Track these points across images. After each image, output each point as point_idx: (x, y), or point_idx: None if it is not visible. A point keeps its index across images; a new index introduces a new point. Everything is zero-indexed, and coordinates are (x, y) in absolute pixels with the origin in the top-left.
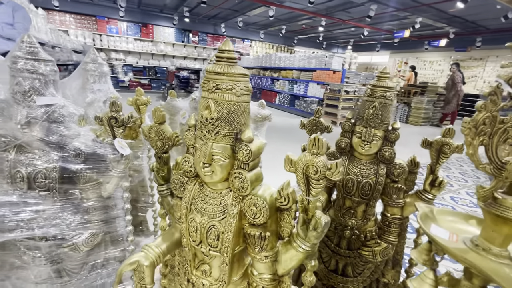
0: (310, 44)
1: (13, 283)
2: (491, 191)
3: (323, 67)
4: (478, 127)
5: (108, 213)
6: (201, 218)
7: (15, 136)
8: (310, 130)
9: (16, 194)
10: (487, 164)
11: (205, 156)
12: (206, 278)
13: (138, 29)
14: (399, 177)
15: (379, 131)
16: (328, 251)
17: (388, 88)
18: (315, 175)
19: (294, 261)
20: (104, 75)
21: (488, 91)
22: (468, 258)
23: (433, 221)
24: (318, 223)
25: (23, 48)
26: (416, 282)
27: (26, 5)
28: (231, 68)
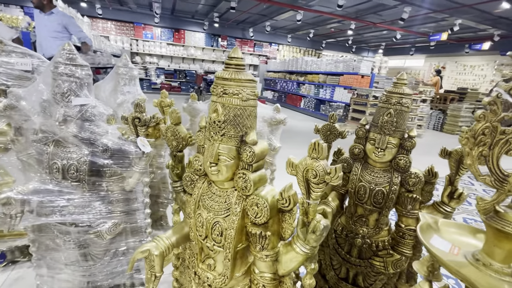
0: (339, 48)
1: (47, 263)
2: (492, 204)
3: (350, 72)
4: (477, 137)
5: (129, 205)
6: (207, 214)
7: (54, 132)
8: (324, 135)
9: (52, 183)
10: (487, 175)
11: (212, 156)
12: (210, 272)
13: (171, 34)
14: (414, 187)
15: (394, 139)
16: (339, 258)
17: (404, 95)
18: (314, 179)
19: (294, 263)
20: (133, 78)
21: (487, 100)
22: (463, 272)
23: (436, 232)
24: (316, 226)
25: (63, 55)
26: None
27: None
28: (238, 74)
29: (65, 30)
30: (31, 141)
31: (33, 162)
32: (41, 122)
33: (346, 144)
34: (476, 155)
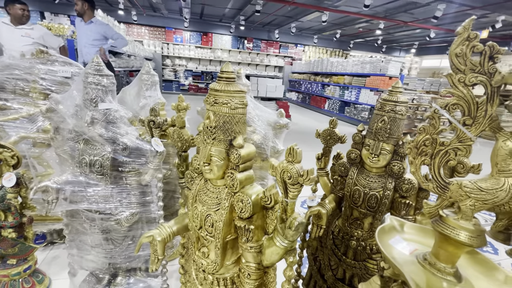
0: (368, 48)
1: (77, 244)
2: (436, 209)
3: (377, 73)
4: (419, 147)
5: (145, 197)
6: (201, 208)
7: (83, 132)
8: (325, 140)
9: (82, 176)
10: (431, 182)
11: (205, 157)
12: (204, 259)
13: (199, 37)
14: (407, 193)
15: (388, 145)
16: (336, 259)
17: (398, 103)
18: (289, 180)
19: (275, 255)
20: (154, 84)
21: (427, 115)
22: (405, 268)
23: (399, 234)
24: (292, 222)
25: (92, 67)
26: (364, 285)
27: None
28: (228, 86)
29: (103, 38)
30: (66, 139)
31: (67, 157)
32: (74, 123)
33: (345, 150)
34: (419, 163)
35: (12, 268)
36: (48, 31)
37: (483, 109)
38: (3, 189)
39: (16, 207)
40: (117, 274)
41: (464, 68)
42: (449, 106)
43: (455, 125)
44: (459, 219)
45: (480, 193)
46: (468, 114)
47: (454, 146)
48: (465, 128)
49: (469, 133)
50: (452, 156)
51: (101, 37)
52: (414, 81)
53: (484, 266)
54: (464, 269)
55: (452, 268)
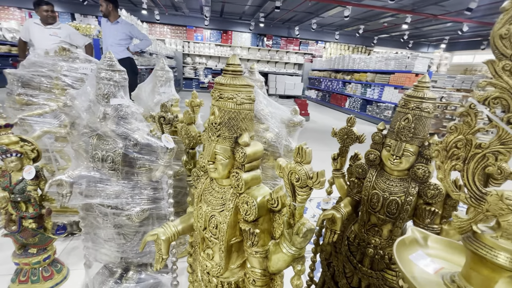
0: (393, 44)
1: (92, 237)
2: (469, 223)
3: (403, 70)
4: (449, 150)
5: (155, 194)
6: (206, 208)
7: (97, 127)
8: (341, 139)
9: (94, 170)
10: (462, 191)
11: (209, 155)
12: (209, 260)
13: (219, 35)
14: (433, 199)
15: (412, 146)
16: (351, 266)
17: (425, 99)
18: (297, 182)
19: (281, 262)
20: (169, 80)
21: (460, 111)
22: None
23: (421, 248)
24: (300, 228)
25: (105, 62)
26: None
27: (135, 21)
28: (234, 80)
29: (128, 38)
30: (81, 134)
31: (82, 151)
32: (88, 118)
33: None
34: (448, 169)
35: (33, 257)
36: (75, 30)
37: None
38: (23, 181)
39: (35, 199)
40: (129, 268)
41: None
42: (490, 100)
43: (496, 123)
44: (498, 238)
45: None
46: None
47: (495, 149)
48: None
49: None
50: (492, 161)
51: (127, 37)
52: (444, 78)
53: None
54: None
55: None
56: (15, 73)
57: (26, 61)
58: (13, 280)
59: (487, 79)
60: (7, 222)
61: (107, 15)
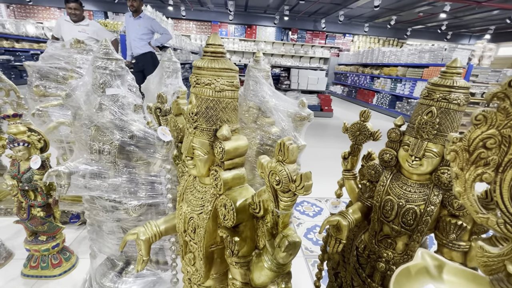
0: (429, 36)
1: (95, 229)
2: (502, 260)
3: (438, 63)
4: (474, 151)
5: (154, 189)
6: (186, 208)
7: (94, 118)
8: (353, 135)
9: (94, 163)
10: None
11: (186, 149)
12: (190, 266)
13: (244, 30)
14: (460, 211)
15: (436, 146)
16: (359, 280)
17: (454, 88)
18: (278, 186)
19: (264, 277)
20: (176, 71)
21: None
22: None
23: (433, 280)
24: (282, 241)
25: (101, 50)
26: None
27: (160, 17)
28: (212, 63)
29: (150, 32)
30: (81, 125)
31: (83, 143)
32: (86, 109)
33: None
34: (471, 179)
35: (42, 244)
36: (102, 26)
37: None
38: (30, 170)
39: (42, 188)
40: (130, 262)
41: None
42: None
43: None
44: None
45: None
46: None
47: None
48: None
49: None
50: None
51: (148, 31)
52: (487, 72)
53: None
54: None
55: None
56: (34, 65)
57: (45, 53)
58: (25, 265)
59: None
60: (18, 210)
61: (137, 11)
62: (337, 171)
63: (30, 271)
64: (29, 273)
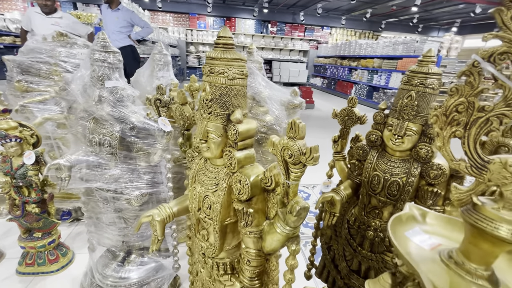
0: (401, 28)
1: (94, 222)
2: (469, 195)
3: (411, 54)
4: (449, 115)
5: (154, 178)
6: (200, 188)
7: (92, 111)
8: (342, 120)
9: (93, 155)
10: (462, 160)
11: (201, 133)
12: (204, 241)
13: (222, 23)
14: (436, 180)
15: (415, 125)
16: (351, 249)
17: (429, 74)
18: (290, 159)
19: (276, 242)
20: (167, 64)
21: (461, 71)
22: (422, 267)
23: (419, 224)
24: (293, 207)
25: (98, 43)
26: (373, 285)
27: (136, 9)
28: (225, 53)
29: (129, 25)
30: (78, 119)
31: (80, 136)
32: (84, 102)
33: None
34: (448, 136)
35: (38, 240)
36: (76, 19)
37: None
38: (24, 166)
39: (37, 183)
40: (131, 252)
41: None
42: (495, 56)
43: (502, 82)
44: (500, 209)
45: None
46: None
47: (499, 112)
48: None
49: None
50: (496, 125)
51: (128, 24)
52: (454, 63)
53: None
54: (504, 274)
55: (486, 270)
56: (14, 60)
57: (25, 47)
58: (20, 263)
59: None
60: (11, 207)
61: (110, 1)
62: (322, 159)
63: (26, 269)
64: (25, 270)
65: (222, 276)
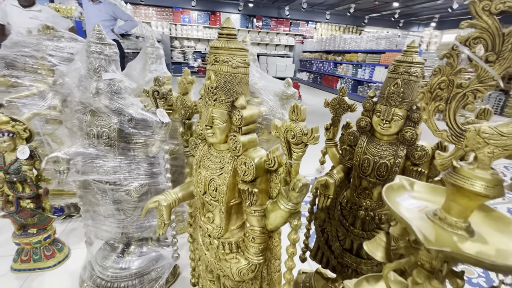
0: (384, 23)
1: (91, 215)
2: (449, 159)
3: (393, 49)
4: (433, 91)
5: (152, 169)
6: (205, 173)
7: (89, 103)
8: (334, 108)
9: (91, 147)
10: (444, 130)
11: (207, 119)
12: (210, 224)
13: (207, 17)
14: (420, 160)
15: (401, 110)
16: (343, 230)
17: (413, 63)
18: (293, 139)
19: (279, 218)
20: (159, 57)
21: (443, 54)
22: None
23: (408, 192)
24: (296, 184)
25: (94, 35)
26: (370, 244)
27: (118, 2)
28: (228, 43)
29: (112, 18)
30: (74, 111)
31: (76, 129)
32: (80, 95)
33: (354, 118)
34: (432, 110)
35: (33, 236)
36: (56, 13)
37: (510, 42)
38: (18, 161)
39: (32, 179)
40: (130, 243)
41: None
42: (470, 41)
43: (476, 62)
44: (475, 169)
45: (500, 139)
46: (492, 49)
47: (474, 88)
48: (488, 65)
49: (492, 70)
50: (471, 99)
51: (111, 18)
52: (433, 57)
53: (500, 223)
54: (478, 227)
55: (464, 223)
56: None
57: (8, 41)
58: (15, 260)
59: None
60: (4, 203)
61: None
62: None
63: (22, 265)
64: (21, 267)
65: (228, 255)
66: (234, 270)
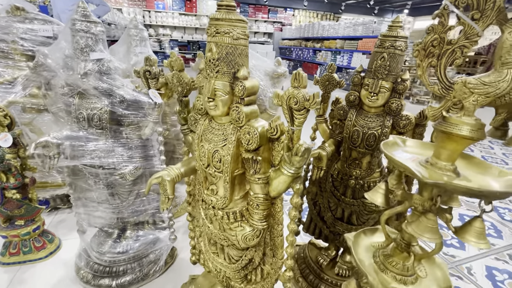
0: (360, 10)
1: (83, 202)
2: (440, 111)
3: (370, 35)
4: (427, 49)
5: (146, 152)
6: (208, 146)
7: (77, 85)
8: (323, 85)
9: (81, 131)
10: (435, 84)
11: (209, 92)
12: (214, 196)
13: (183, 3)
14: (404, 129)
15: (387, 83)
16: (335, 200)
17: (398, 38)
18: (296, 105)
19: (282, 184)
20: (144, 40)
21: (435, 13)
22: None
23: (401, 148)
24: (298, 149)
25: (79, 12)
26: (371, 193)
27: None
28: (229, 15)
29: None
30: (60, 95)
31: (63, 114)
32: (66, 77)
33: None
34: (426, 66)
35: (21, 228)
36: None
37: (492, 1)
38: (0, 149)
39: (16, 167)
40: (126, 228)
41: None
42: (459, 1)
43: (463, 20)
44: (462, 116)
45: (483, 87)
46: (477, 8)
47: (461, 44)
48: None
49: (477, 26)
50: (459, 54)
51: None
52: None
53: (480, 167)
54: (463, 170)
55: (452, 165)
56: None
57: None
58: (3, 254)
59: None
60: None
61: None
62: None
63: (11, 259)
64: (10, 260)
65: (233, 224)
66: (240, 237)
